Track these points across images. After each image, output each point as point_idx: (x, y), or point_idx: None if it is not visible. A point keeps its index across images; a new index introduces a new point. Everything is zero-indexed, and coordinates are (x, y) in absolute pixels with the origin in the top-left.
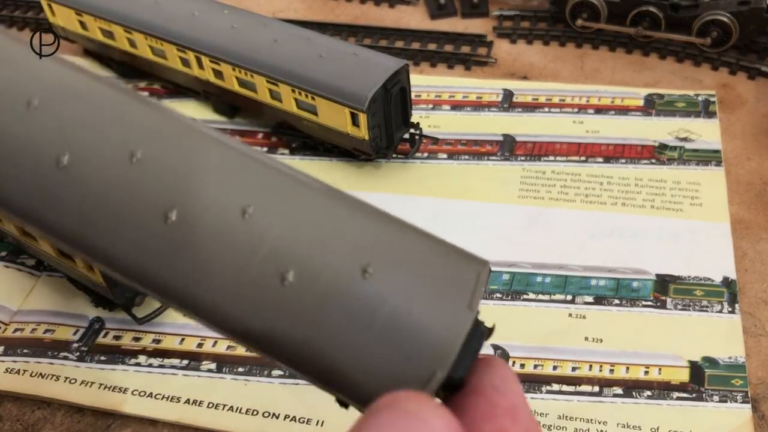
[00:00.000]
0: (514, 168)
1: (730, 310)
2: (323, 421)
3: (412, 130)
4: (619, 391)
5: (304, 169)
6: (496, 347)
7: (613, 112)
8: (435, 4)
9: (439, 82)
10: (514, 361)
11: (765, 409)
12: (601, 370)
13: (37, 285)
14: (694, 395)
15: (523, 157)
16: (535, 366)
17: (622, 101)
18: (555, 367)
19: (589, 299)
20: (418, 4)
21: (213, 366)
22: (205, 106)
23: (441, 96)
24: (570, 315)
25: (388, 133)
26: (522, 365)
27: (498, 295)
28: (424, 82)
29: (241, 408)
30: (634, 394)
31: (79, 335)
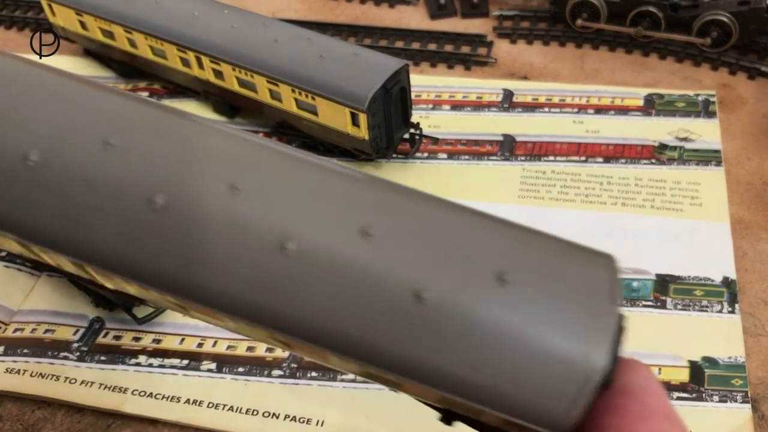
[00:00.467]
0: (514, 168)
1: (730, 310)
2: (323, 421)
3: (412, 130)
4: None
5: None
6: None
7: (613, 112)
8: (435, 4)
9: (439, 82)
10: None
11: (765, 409)
12: None
13: (37, 285)
14: (694, 395)
15: (523, 157)
16: None
17: (622, 101)
18: None
19: None
20: (418, 4)
21: (213, 366)
22: (205, 106)
23: (441, 96)
24: None
25: (388, 133)
26: None
27: None
28: (424, 82)
29: (241, 408)
30: None
31: (79, 335)
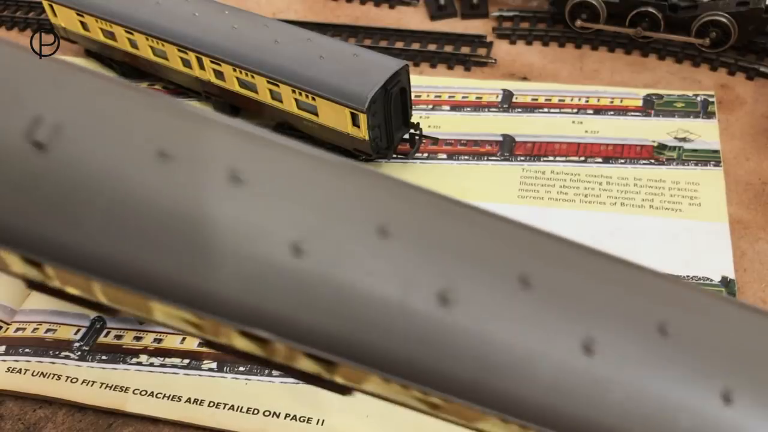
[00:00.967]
0: (514, 168)
1: None
2: (323, 420)
3: (412, 131)
4: None
5: None
6: None
7: (612, 113)
8: (435, 5)
9: (439, 83)
10: None
11: None
12: None
13: None
14: None
15: (522, 158)
16: None
17: (621, 101)
18: None
19: None
20: (418, 5)
21: (214, 365)
22: (206, 106)
23: (441, 96)
24: None
25: (388, 134)
26: None
27: None
28: (424, 82)
29: (242, 407)
30: None
31: (80, 335)
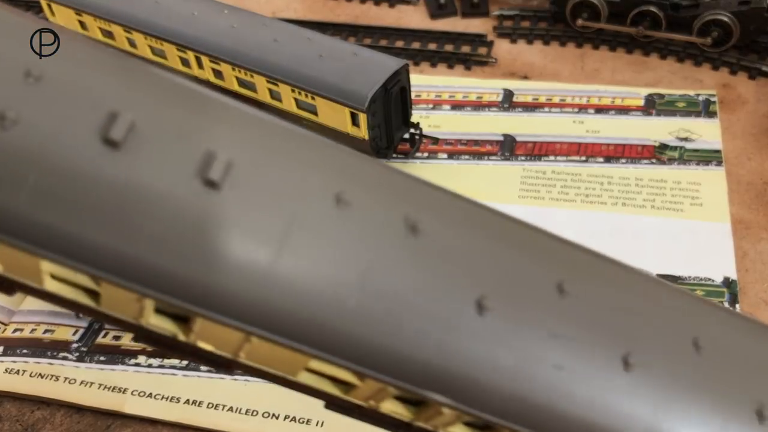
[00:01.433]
0: (515, 168)
1: None
2: (323, 422)
3: (412, 130)
4: None
5: None
6: None
7: (613, 112)
8: (435, 4)
9: (440, 82)
10: None
11: None
12: None
13: None
14: None
15: (523, 157)
16: None
17: (623, 101)
18: None
19: None
20: (418, 3)
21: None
22: None
23: (441, 96)
24: None
25: (388, 133)
26: None
27: None
28: (424, 81)
29: (241, 408)
30: None
31: (78, 335)
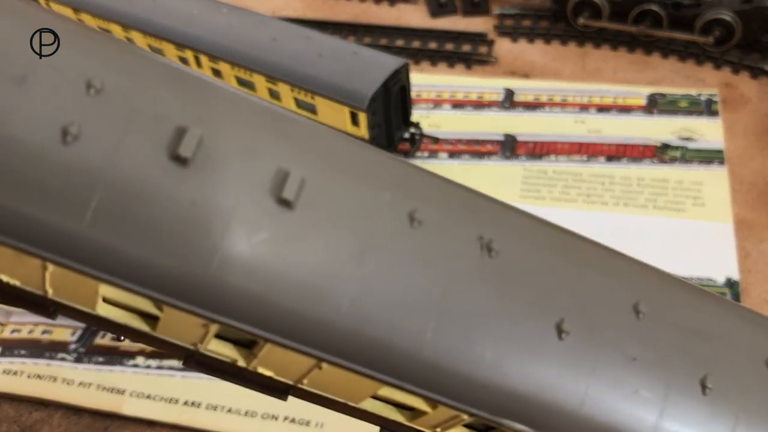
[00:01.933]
0: (516, 168)
1: None
2: (323, 423)
3: (413, 130)
4: None
5: None
6: None
7: (615, 112)
8: (435, 3)
9: (440, 81)
10: None
11: None
12: None
13: None
14: None
15: (524, 157)
16: None
17: (624, 100)
18: None
19: None
20: (418, 2)
21: None
22: None
23: (442, 95)
24: None
25: (388, 133)
26: None
27: None
28: (424, 81)
29: (240, 409)
30: None
31: (76, 336)
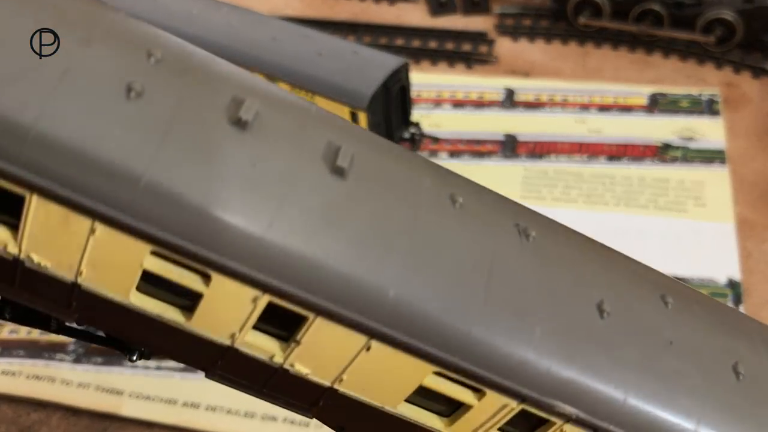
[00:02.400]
0: (516, 168)
1: None
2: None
3: (413, 130)
4: None
5: None
6: None
7: (616, 111)
8: (435, 1)
9: (440, 81)
10: None
11: None
12: None
13: None
14: None
15: (524, 157)
16: None
17: (625, 100)
18: None
19: None
20: (418, 1)
21: None
22: None
23: (442, 95)
24: None
25: (388, 133)
26: None
27: None
28: (424, 80)
29: (239, 410)
30: None
31: None
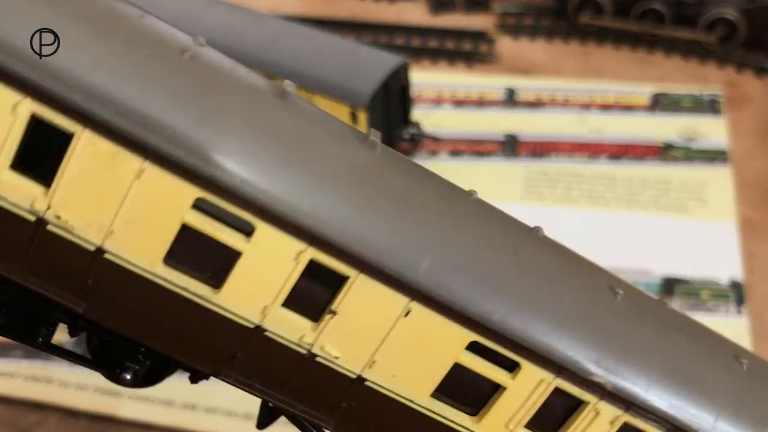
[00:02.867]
0: (517, 168)
1: (737, 312)
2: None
3: (413, 129)
4: None
5: None
6: None
7: (617, 110)
8: (436, 0)
9: (441, 80)
10: None
11: None
12: None
13: None
14: None
15: (526, 156)
16: None
17: (627, 99)
18: None
19: None
20: None
21: None
22: None
23: (442, 94)
24: None
25: (388, 132)
26: None
27: None
28: (425, 79)
29: (238, 412)
30: None
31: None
